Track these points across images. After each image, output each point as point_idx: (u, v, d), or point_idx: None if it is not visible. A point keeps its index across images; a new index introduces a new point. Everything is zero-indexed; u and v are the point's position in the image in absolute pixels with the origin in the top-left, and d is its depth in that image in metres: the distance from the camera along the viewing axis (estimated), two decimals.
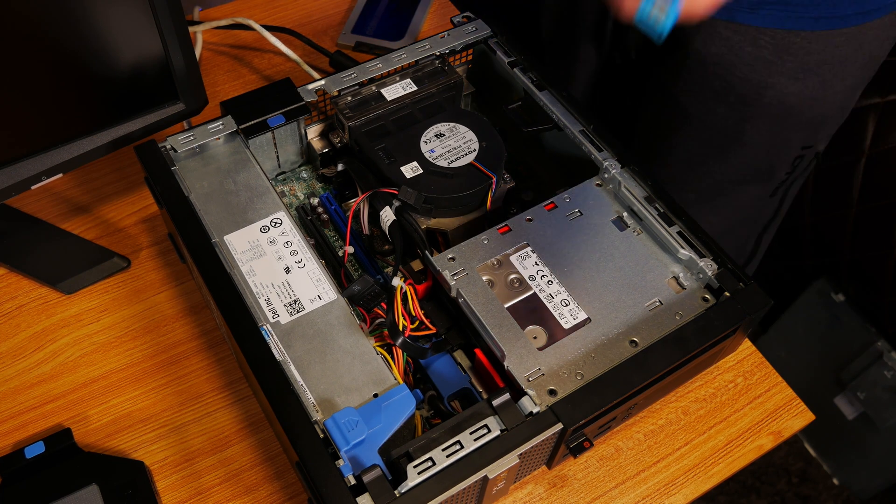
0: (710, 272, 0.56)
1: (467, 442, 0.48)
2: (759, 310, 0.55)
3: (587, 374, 0.51)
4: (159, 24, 0.59)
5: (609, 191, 0.61)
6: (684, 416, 0.62)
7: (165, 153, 0.61)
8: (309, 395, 0.50)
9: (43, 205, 0.74)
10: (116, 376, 0.64)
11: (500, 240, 0.58)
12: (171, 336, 0.66)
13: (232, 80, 0.85)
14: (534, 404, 0.49)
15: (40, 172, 0.61)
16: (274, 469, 0.59)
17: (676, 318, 0.54)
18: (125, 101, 0.63)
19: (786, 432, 0.62)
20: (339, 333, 0.53)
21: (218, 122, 0.63)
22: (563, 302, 0.55)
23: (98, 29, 0.57)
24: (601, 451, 0.60)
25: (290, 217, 0.59)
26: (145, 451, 0.60)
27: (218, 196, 0.60)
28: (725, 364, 0.65)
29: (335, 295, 0.55)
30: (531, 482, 0.58)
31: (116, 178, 0.76)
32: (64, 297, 0.68)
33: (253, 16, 0.89)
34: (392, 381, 0.51)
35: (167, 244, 0.71)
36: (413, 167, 0.62)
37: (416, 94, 0.67)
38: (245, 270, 0.56)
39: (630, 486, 0.59)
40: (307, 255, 0.57)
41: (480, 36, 0.71)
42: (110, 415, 0.62)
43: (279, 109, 0.64)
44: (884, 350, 1.25)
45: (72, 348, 0.65)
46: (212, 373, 0.64)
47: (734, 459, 0.61)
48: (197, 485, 0.58)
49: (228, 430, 0.61)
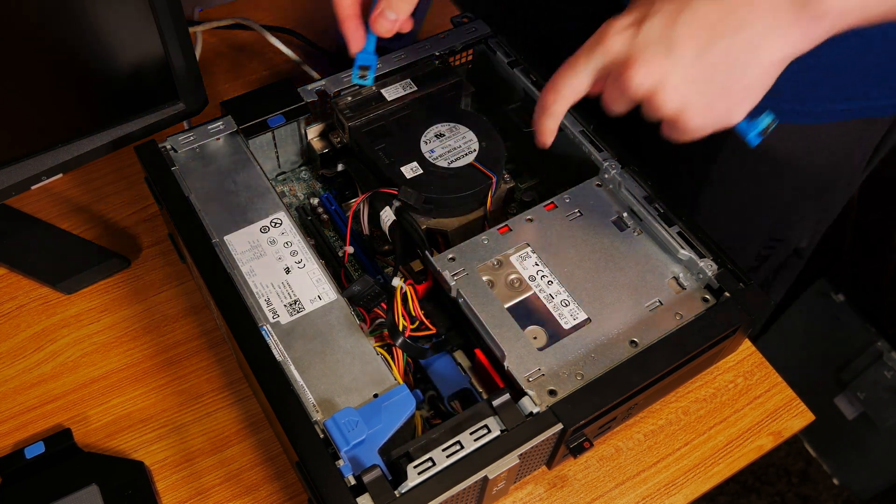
0: (710, 272, 0.56)
1: (467, 442, 0.48)
2: (759, 310, 0.55)
3: (587, 374, 0.51)
4: (159, 24, 0.59)
5: (609, 191, 0.61)
6: (684, 416, 0.62)
7: (165, 153, 0.61)
8: (309, 395, 0.50)
9: (43, 205, 0.73)
10: (116, 376, 0.64)
11: (500, 240, 0.58)
12: (171, 336, 0.66)
13: (232, 80, 0.85)
14: (534, 404, 0.49)
15: (40, 172, 0.61)
16: (274, 469, 0.59)
17: (676, 319, 0.54)
18: (125, 101, 0.63)
19: (786, 432, 0.62)
20: (339, 334, 0.53)
21: (218, 122, 0.63)
22: (563, 302, 0.55)
23: (98, 29, 0.57)
24: (601, 452, 0.60)
25: (290, 217, 0.59)
26: (145, 451, 0.60)
27: (218, 196, 0.60)
28: (725, 364, 0.65)
29: (335, 295, 0.55)
30: (531, 482, 0.58)
31: (116, 178, 0.76)
32: (64, 297, 0.68)
33: (253, 16, 0.89)
34: (392, 381, 0.51)
35: (167, 244, 0.71)
36: (413, 167, 0.62)
37: (416, 94, 0.67)
38: (245, 270, 0.56)
39: (630, 486, 0.59)
40: (307, 256, 0.57)
41: (480, 36, 0.71)
42: (110, 415, 0.62)
43: (279, 109, 0.64)
44: (884, 350, 1.25)
45: (72, 348, 0.65)
46: (212, 373, 0.64)
47: (734, 459, 0.61)
48: (197, 485, 0.58)
49: (228, 431, 0.61)
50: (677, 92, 0.43)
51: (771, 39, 0.41)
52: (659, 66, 0.43)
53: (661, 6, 0.43)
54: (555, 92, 0.48)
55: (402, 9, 0.54)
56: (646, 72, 0.43)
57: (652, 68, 0.43)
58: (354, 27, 0.57)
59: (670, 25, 0.42)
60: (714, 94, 0.43)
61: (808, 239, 0.85)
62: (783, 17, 0.41)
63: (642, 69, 0.43)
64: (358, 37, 0.57)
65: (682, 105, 0.44)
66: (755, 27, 0.41)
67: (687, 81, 0.43)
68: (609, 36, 0.45)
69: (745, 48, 0.42)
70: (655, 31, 0.43)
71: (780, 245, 0.82)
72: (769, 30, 0.41)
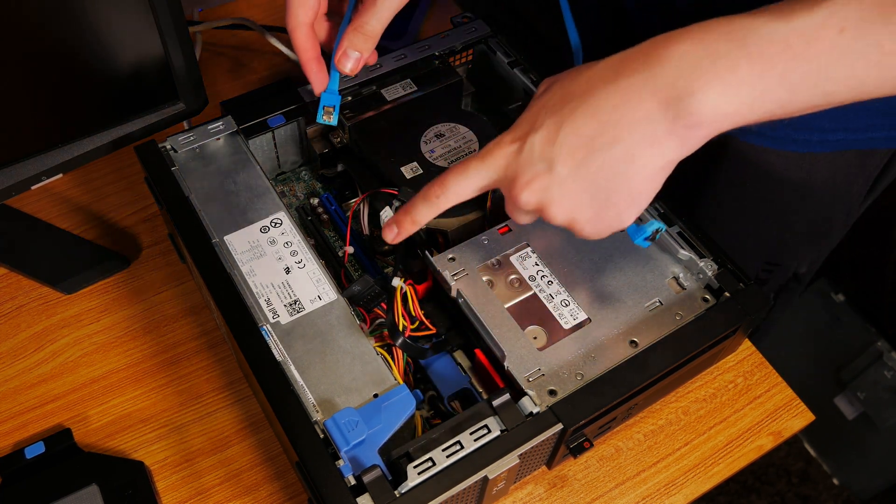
0: (710, 272, 0.56)
1: (467, 442, 0.48)
2: (759, 310, 0.55)
3: (587, 374, 0.51)
4: (159, 24, 0.59)
5: None
6: (684, 416, 0.62)
7: (165, 153, 0.61)
8: (309, 395, 0.50)
9: (43, 205, 0.73)
10: (116, 376, 0.64)
11: (500, 240, 0.58)
12: (171, 336, 0.66)
13: (232, 80, 0.85)
14: (534, 404, 0.49)
15: (40, 172, 0.61)
16: (274, 469, 0.59)
17: (676, 319, 0.54)
18: (125, 101, 0.63)
19: (786, 432, 0.62)
20: (339, 334, 0.53)
21: (218, 122, 0.63)
22: (563, 302, 0.55)
23: (98, 29, 0.57)
24: (601, 452, 0.60)
25: (290, 217, 0.59)
26: (145, 451, 0.60)
27: (218, 196, 0.60)
28: (725, 364, 0.65)
29: (335, 295, 0.55)
30: (531, 482, 0.58)
31: (116, 178, 0.76)
32: (64, 297, 0.68)
33: (253, 16, 0.89)
34: (392, 381, 0.51)
35: (167, 244, 0.71)
36: (413, 167, 0.62)
37: (416, 94, 0.67)
38: (245, 271, 0.56)
39: (630, 486, 0.59)
40: (307, 256, 0.57)
41: (480, 36, 0.71)
42: (110, 415, 0.62)
43: (279, 109, 0.64)
44: (884, 350, 1.25)
45: (72, 348, 0.65)
46: (212, 373, 0.64)
47: (734, 459, 0.61)
48: (197, 485, 0.58)
49: (228, 431, 0.61)
50: (562, 206, 0.45)
51: (648, 150, 0.42)
52: (541, 184, 0.44)
53: (542, 122, 0.44)
54: (442, 188, 0.49)
55: (365, 47, 0.55)
56: (530, 190, 0.45)
57: (535, 186, 0.45)
58: (317, 69, 0.58)
59: (550, 142, 0.44)
60: (599, 205, 0.45)
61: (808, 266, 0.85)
62: (658, 128, 0.42)
63: (527, 188, 0.45)
64: (320, 78, 0.58)
65: (570, 217, 0.45)
66: (632, 139, 0.42)
67: (570, 195, 0.44)
68: (495, 154, 0.46)
69: (623, 160, 0.43)
70: (537, 149, 0.44)
71: (778, 269, 0.83)
72: (645, 141, 0.42)
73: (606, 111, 0.42)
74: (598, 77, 0.43)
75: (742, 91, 0.40)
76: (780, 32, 0.39)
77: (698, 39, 0.40)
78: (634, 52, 0.43)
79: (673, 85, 0.40)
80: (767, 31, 0.39)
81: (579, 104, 0.43)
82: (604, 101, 0.42)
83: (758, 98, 0.40)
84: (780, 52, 0.39)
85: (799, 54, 0.39)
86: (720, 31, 0.40)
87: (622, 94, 0.42)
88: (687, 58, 0.40)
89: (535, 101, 0.46)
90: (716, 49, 0.40)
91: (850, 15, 0.38)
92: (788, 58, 0.39)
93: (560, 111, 0.44)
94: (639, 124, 0.42)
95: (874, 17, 0.37)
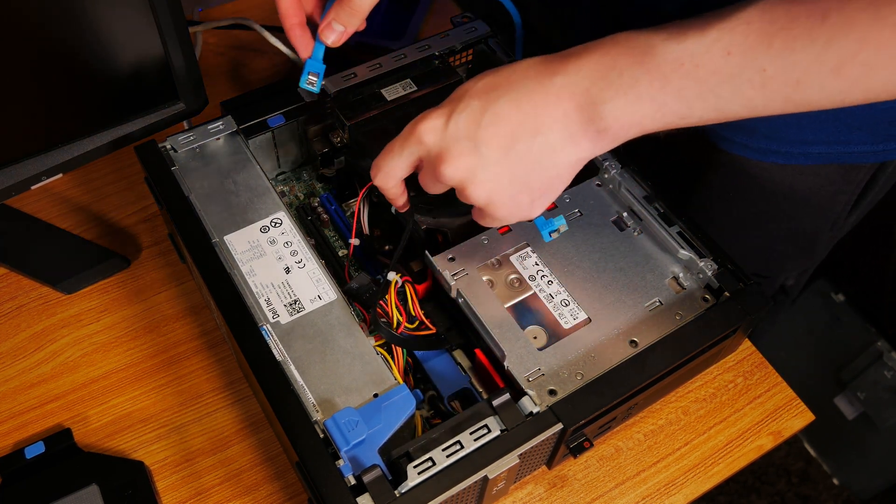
0: (710, 272, 0.56)
1: (467, 442, 0.48)
2: (759, 310, 0.55)
3: (587, 374, 0.51)
4: (159, 24, 0.59)
5: (609, 191, 0.61)
6: (684, 416, 0.62)
7: (165, 153, 0.61)
8: (309, 395, 0.50)
9: (43, 205, 0.74)
10: (116, 376, 0.64)
11: (500, 240, 0.58)
12: (171, 336, 0.66)
13: (232, 80, 0.85)
14: (534, 404, 0.49)
15: (40, 172, 0.61)
16: (274, 469, 0.59)
17: (676, 319, 0.54)
18: (125, 101, 0.63)
19: (786, 432, 0.62)
20: (339, 333, 0.53)
21: (218, 122, 0.63)
22: (563, 302, 0.55)
23: (98, 29, 0.57)
24: (601, 451, 0.60)
25: (290, 217, 0.59)
26: (145, 451, 0.60)
27: (218, 196, 0.60)
28: (725, 364, 0.65)
29: (335, 295, 0.55)
30: (531, 482, 0.58)
31: (116, 178, 0.76)
32: (64, 297, 0.68)
33: (253, 16, 0.89)
34: (392, 381, 0.51)
35: (167, 244, 0.71)
36: None
37: (416, 94, 0.67)
38: (245, 270, 0.56)
39: (630, 486, 0.59)
40: (307, 255, 0.57)
41: (480, 36, 0.71)
42: (110, 415, 0.62)
43: (279, 109, 0.64)
44: (884, 350, 1.25)
45: (72, 348, 0.65)
46: (212, 373, 0.64)
47: (734, 459, 0.61)
48: (197, 485, 0.58)
49: (228, 430, 0.61)
50: (484, 186, 0.47)
51: (565, 145, 0.45)
52: (467, 163, 0.46)
53: (467, 104, 0.46)
54: (377, 170, 0.52)
55: (350, 22, 0.56)
56: (455, 167, 0.46)
57: (460, 164, 0.46)
58: (300, 34, 0.59)
59: (475, 123, 0.46)
60: (517, 190, 0.47)
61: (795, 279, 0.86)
62: (574, 126, 0.45)
63: (452, 163, 0.46)
64: (304, 43, 0.59)
65: (489, 198, 0.47)
66: (552, 132, 0.45)
67: (493, 177, 0.46)
68: (420, 130, 0.48)
69: (544, 150, 0.45)
70: (462, 128, 0.46)
71: (766, 281, 0.83)
72: (563, 136, 0.45)
73: (529, 104, 0.45)
74: (524, 73, 0.46)
75: (643, 104, 0.43)
76: (674, 52, 0.41)
77: (606, 52, 0.44)
78: (560, 56, 0.46)
79: (587, 91, 0.44)
80: (663, 49, 0.42)
81: (504, 93, 0.46)
82: (526, 95, 0.45)
83: (658, 110, 0.43)
84: (674, 70, 0.42)
85: (689, 73, 0.41)
86: (625, 45, 0.43)
87: (544, 91, 0.45)
88: (598, 68, 0.44)
89: (463, 86, 0.48)
90: (621, 63, 0.43)
91: (737, 39, 0.40)
92: (681, 76, 0.41)
93: (486, 96, 0.46)
94: (558, 122, 0.44)
95: (759, 42, 0.39)
